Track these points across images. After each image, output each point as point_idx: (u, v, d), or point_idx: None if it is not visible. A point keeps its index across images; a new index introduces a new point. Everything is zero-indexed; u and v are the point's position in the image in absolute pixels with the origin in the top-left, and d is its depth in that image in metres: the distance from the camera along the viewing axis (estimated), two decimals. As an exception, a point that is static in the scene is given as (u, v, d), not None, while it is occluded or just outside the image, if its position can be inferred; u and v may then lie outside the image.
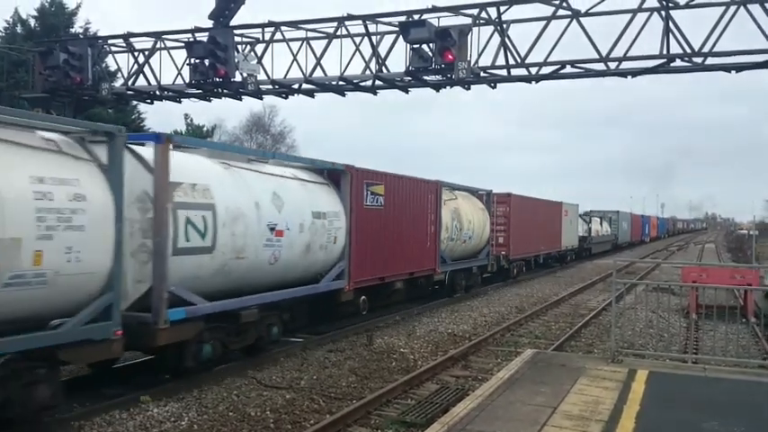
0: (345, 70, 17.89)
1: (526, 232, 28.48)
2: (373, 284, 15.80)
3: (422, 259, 18.39)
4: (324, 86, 18.89)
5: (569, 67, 16.25)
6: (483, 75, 16.90)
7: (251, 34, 18.95)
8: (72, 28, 32.40)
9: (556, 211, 35.11)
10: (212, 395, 9.80)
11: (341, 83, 18.35)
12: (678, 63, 15.48)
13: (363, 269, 14.98)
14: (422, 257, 18.37)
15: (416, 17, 16.50)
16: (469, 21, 16.40)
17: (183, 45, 18.96)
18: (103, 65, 23.25)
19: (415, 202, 17.84)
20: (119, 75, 23.00)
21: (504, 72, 16.90)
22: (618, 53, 15.63)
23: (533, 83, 17.16)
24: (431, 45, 16.27)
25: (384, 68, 17.56)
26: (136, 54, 20.39)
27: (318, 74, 18.33)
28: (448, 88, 18.01)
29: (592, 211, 50.51)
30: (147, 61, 20.19)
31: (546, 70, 16.58)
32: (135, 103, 30.04)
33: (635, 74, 16.24)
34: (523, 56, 16.36)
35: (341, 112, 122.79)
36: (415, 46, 16.43)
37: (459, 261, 21.53)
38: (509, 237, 26.37)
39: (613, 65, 15.95)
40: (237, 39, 18.54)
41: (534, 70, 16.68)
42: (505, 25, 16.38)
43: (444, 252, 19.85)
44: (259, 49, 18.85)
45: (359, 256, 14.61)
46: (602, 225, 50.61)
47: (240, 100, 20.40)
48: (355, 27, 17.70)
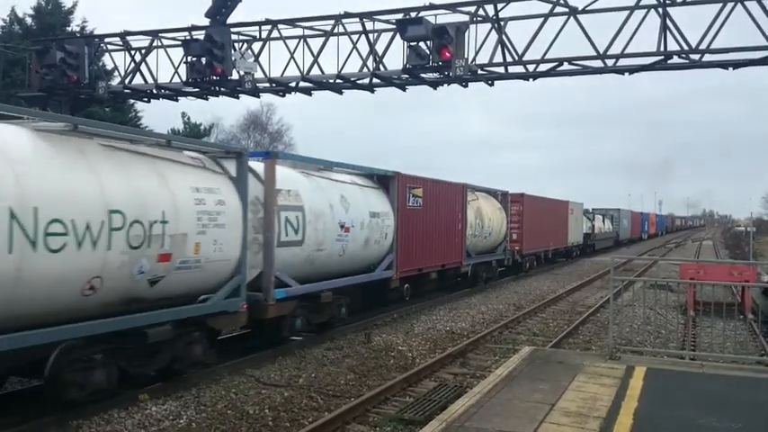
0: (343, 68, 17.89)
1: (537, 229, 30.52)
2: (413, 274, 18.13)
3: (451, 253, 20.64)
4: (321, 84, 18.88)
5: (567, 64, 16.26)
6: (480, 72, 16.90)
7: (248, 32, 18.93)
8: (69, 27, 32.32)
9: (563, 210, 37.01)
10: (211, 393, 9.79)
11: (338, 81, 18.34)
12: (675, 60, 15.49)
13: (407, 261, 17.30)
14: (451, 251, 20.64)
15: (413, 15, 16.49)
16: (467, 18, 16.40)
17: (179, 43, 18.94)
18: (100, 63, 23.20)
19: (446, 202, 20.14)
20: (115, 73, 22.96)
21: (502, 69, 16.90)
22: (615, 50, 15.64)
23: (531, 80, 17.17)
24: (428, 43, 16.26)
25: (381, 66, 17.54)
26: (132, 52, 20.36)
27: (316, 72, 18.31)
28: (445, 86, 18.00)
29: (595, 209, 51.86)
30: (143, 60, 20.17)
31: (543, 68, 16.59)
32: (132, 101, 30.00)
33: (632, 71, 16.25)
34: (521, 53, 16.36)
35: (339, 109, 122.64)
36: (412, 44, 16.42)
37: (480, 255, 23.74)
38: (522, 233, 28.49)
39: (611, 62, 15.96)
40: (234, 37, 18.51)
41: (532, 68, 16.68)
42: (503, 23, 16.38)
43: (469, 247, 22.01)
44: (256, 47, 18.85)
45: (403, 249, 16.99)
46: (604, 222, 52.42)
47: (237, 98, 20.39)
48: (352, 25, 17.70)
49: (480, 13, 16.46)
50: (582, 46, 15.94)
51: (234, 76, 18.42)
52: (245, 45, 18.90)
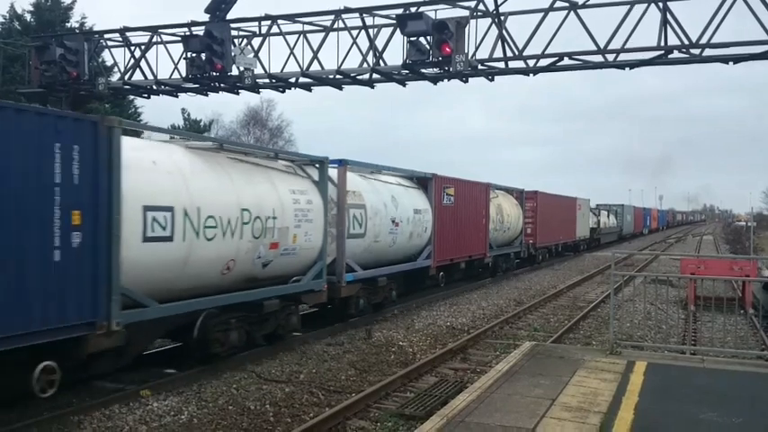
0: (342, 64, 17.81)
1: (549, 224, 32.89)
2: (446, 264, 20.50)
3: (477, 245, 23.08)
4: (321, 80, 18.80)
5: (567, 59, 16.18)
6: (480, 67, 16.82)
7: (247, 28, 18.83)
8: (68, 23, 32.31)
9: (571, 206, 39.33)
10: (212, 389, 9.81)
11: (338, 76, 18.26)
12: (676, 54, 15.41)
13: (442, 252, 19.66)
14: (477, 244, 23.09)
15: (413, 10, 16.41)
16: (467, 13, 16.31)
17: (179, 39, 18.85)
18: (100, 59, 23.15)
19: (473, 200, 22.51)
20: (115, 69, 22.96)
21: (502, 64, 16.81)
22: (616, 45, 15.55)
23: (531, 75, 17.10)
24: (428, 38, 16.20)
25: (381, 62, 17.47)
26: (132, 48, 20.28)
27: (315, 67, 18.23)
28: (445, 81, 17.93)
29: (599, 205, 53.74)
30: (143, 56, 20.09)
31: (544, 62, 16.50)
32: (132, 97, 29.99)
33: (633, 65, 16.18)
34: (521, 48, 16.30)
35: (339, 105, 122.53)
36: (412, 39, 16.34)
37: (500, 248, 26.20)
38: (536, 228, 30.81)
39: (611, 57, 15.88)
40: (234, 32, 18.42)
41: (532, 62, 16.59)
42: (503, 17, 16.30)
43: (491, 240, 24.50)
44: (256, 42, 18.75)
45: (439, 241, 19.36)
46: (609, 218, 54.49)
47: (237, 94, 20.30)
48: (352, 20, 17.60)
49: (480, 7, 16.37)
50: (582, 41, 15.88)
51: (234, 71, 18.34)
52: (244, 41, 18.82)
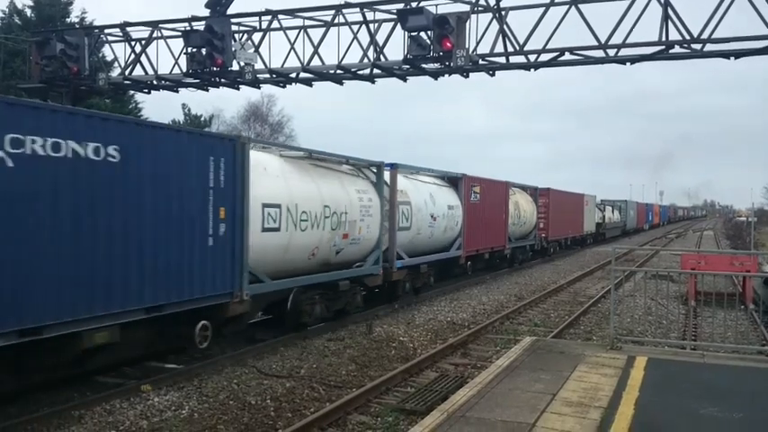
0: (343, 59, 17.79)
1: (560, 219, 35.06)
2: (473, 254, 22.81)
3: (498, 238, 25.47)
4: (322, 75, 18.79)
5: (568, 54, 16.14)
6: (481, 62, 16.79)
7: (248, 23, 18.80)
8: (68, 18, 32.24)
9: (579, 202, 41.46)
10: (212, 384, 9.82)
11: (339, 71, 18.24)
12: (677, 50, 15.39)
13: (470, 243, 21.99)
14: (498, 237, 25.49)
15: (414, 5, 16.38)
16: (467, 8, 16.29)
17: (179, 34, 18.82)
18: (100, 55, 23.13)
19: (495, 197, 24.85)
20: (115, 64, 22.88)
21: (503, 60, 16.79)
22: (617, 40, 15.53)
23: (532, 70, 17.07)
24: (429, 33, 16.17)
25: (382, 57, 17.45)
26: (132, 44, 20.26)
27: (316, 62, 18.21)
28: (446, 76, 17.90)
29: (604, 201, 55.26)
30: (143, 51, 20.07)
31: (545, 57, 16.48)
32: (132, 92, 29.91)
33: (634, 61, 16.15)
34: (522, 43, 16.27)
35: (339, 100, 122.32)
36: (413, 34, 16.31)
37: (517, 240, 28.60)
38: (548, 223, 32.92)
39: (612, 52, 15.85)
40: (234, 27, 18.40)
41: (533, 57, 16.57)
42: (504, 12, 16.27)
43: (509, 234, 26.86)
44: (256, 37, 18.73)
45: (468, 234, 21.70)
46: (613, 213, 56.42)
47: (238, 89, 20.29)
48: (353, 15, 17.57)
49: (481, 2, 16.34)
50: (583, 36, 15.86)
51: (234, 66, 18.33)
52: (245, 36, 18.79)
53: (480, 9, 16.39)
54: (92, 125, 8.27)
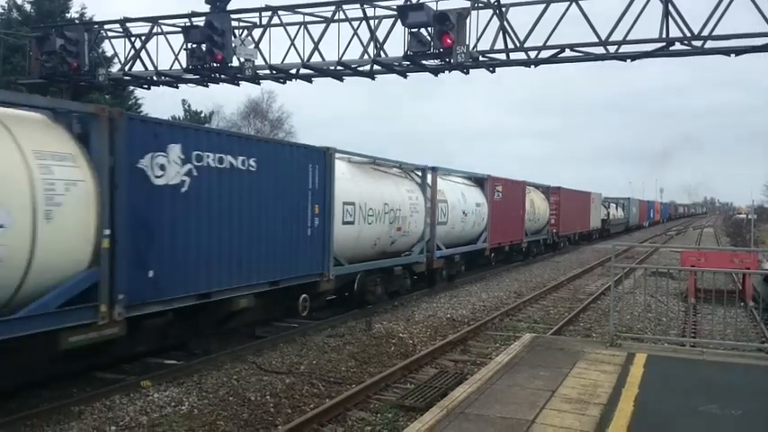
0: (343, 55, 17.76)
1: (569, 216, 37.42)
2: (496, 247, 25.28)
3: (516, 233, 27.85)
4: (322, 71, 18.76)
5: (568, 50, 16.11)
6: (482, 59, 16.76)
7: (248, 18, 18.76)
8: (68, 13, 32.18)
9: (586, 200, 43.75)
10: (212, 380, 9.83)
11: (339, 68, 18.21)
12: (678, 47, 15.36)
13: (493, 237, 24.45)
14: (516, 232, 27.82)
15: (415, 1, 16.34)
16: (468, 4, 16.25)
17: (179, 30, 18.79)
18: (100, 50, 23.11)
19: (514, 195, 27.22)
20: (115, 60, 22.88)
21: (503, 56, 16.76)
22: (617, 37, 15.50)
23: (532, 67, 17.04)
24: (429, 29, 16.14)
25: (382, 53, 17.42)
26: (132, 39, 20.22)
27: (316, 59, 18.18)
28: (446, 72, 17.87)
29: (608, 198, 57.06)
30: (143, 47, 20.04)
31: (545, 54, 16.45)
32: (132, 88, 29.91)
33: (634, 57, 16.12)
34: (522, 40, 16.24)
35: (339, 97, 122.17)
36: (413, 30, 16.28)
37: (533, 235, 30.96)
38: (559, 219, 35.14)
39: (613, 49, 15.82)
40: (234, 23, 18.36)
41: (533, 54, 16.55)
42: (504, 8, 16.24)
43: (526, 229, 28.94)
44: (256, 33, 18.69)
45: (492, 228, 24.15)
46: (617, 210, 59.17)
47: (238, 85, 20.27)
48: (353, 11, 17.54)
49: (482, -1, 16.31)
50: (584, 32, 15.83)
51: (234, 62, 18.30)
52: (245, 32, 18.76)
53: (481, 5, 16.36)
54: (240, 143, 10.96)
